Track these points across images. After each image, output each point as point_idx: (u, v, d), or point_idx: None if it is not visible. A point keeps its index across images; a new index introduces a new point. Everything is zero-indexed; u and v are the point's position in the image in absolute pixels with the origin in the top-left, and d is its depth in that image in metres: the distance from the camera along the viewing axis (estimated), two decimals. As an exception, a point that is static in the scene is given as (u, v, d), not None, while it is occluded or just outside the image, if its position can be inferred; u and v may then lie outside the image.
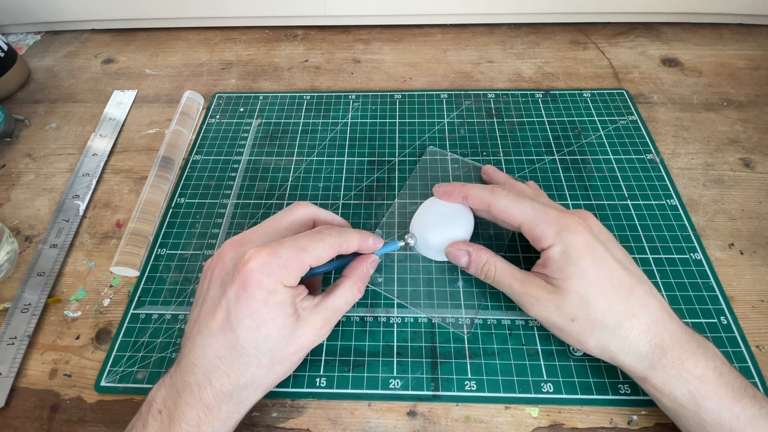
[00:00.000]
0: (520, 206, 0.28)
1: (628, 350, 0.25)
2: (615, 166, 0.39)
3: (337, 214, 0.37)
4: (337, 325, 0.31)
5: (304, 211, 0.28)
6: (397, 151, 0.41)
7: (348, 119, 0.44)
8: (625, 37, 0.51)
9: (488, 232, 0.35)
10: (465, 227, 0.30)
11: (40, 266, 0.35)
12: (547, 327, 0.28)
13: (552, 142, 0.41)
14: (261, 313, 0.23)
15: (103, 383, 0.29)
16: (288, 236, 0.27)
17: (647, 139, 0.40)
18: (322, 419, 0.28)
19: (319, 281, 0.31)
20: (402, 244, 0.31)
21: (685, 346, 0.24)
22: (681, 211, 0.36)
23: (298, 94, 0.46)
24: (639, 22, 0.53)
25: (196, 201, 0.38)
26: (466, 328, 0.31)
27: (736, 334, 0.30)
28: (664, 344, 0.24)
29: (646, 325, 0.24)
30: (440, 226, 0.30)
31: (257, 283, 0.23)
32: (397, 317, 0.31)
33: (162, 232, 0.36)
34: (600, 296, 0.25)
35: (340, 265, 0.28)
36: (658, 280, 0.32)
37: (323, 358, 0.30)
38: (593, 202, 0.36)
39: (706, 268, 0.33)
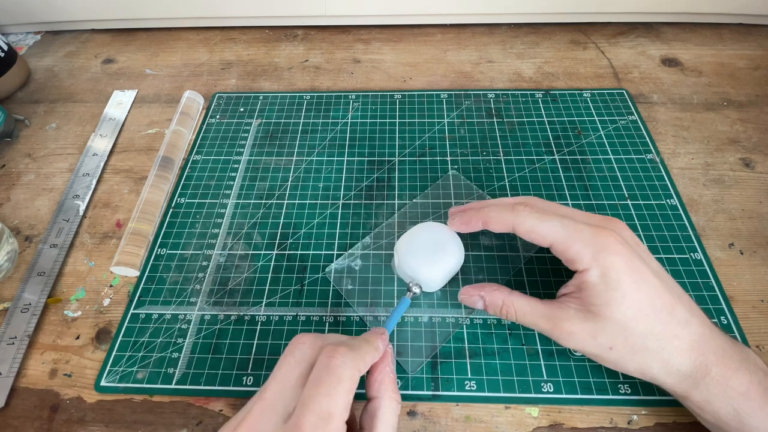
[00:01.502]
0: (547, 225, 0.25)
1: (671, 371, 0.23)
2: (615, 166, 0.39)
3: (337, 214, 0.37)
4: (338, 325, 0.31)
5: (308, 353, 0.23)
6: (397, 151, 0.41)
7: (348, 119, 0.44)
8: (625, 37, 0.51)
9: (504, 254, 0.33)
10: (454, 252, 0.29)
11: (40, 266, 0.35)
12: (582, 354, 0.27)
13: (552, 142, 0.41)
14: None
15: (103, 383, 0.29)
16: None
17: (647, 139, 0.40)
18: (322, 419, 0.28)
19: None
20: (410, 296, 0.29)
21: (728, 362, 0.23)
22: (681, 211, 0.36)
23: (298, 94, 0.46)
24: (639, 22, 0.53)
25: (196, 201, 0.38)
26: (466, 327, 0.31)
27: (736, 334, 0.30)
28: (707, 362, 0.23)
29: (688, 345, 0.23)
30: (428, 258, 0.29)
31: None
32: (397, 317, 0.31)
33: (162, 232, 0.36)
34: (641, 319, 0.23)
35: None
36: (658, 280, 0.32)
37: (323, 358, 0.30)
38: (593, 202, 0.36)
39: (706, 267, 0.33)
